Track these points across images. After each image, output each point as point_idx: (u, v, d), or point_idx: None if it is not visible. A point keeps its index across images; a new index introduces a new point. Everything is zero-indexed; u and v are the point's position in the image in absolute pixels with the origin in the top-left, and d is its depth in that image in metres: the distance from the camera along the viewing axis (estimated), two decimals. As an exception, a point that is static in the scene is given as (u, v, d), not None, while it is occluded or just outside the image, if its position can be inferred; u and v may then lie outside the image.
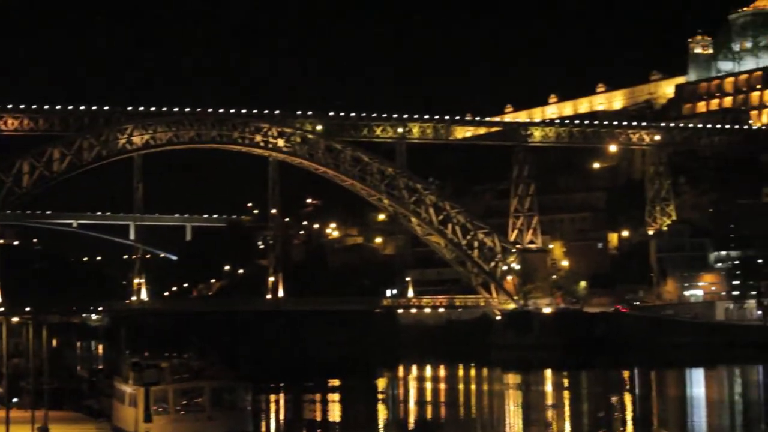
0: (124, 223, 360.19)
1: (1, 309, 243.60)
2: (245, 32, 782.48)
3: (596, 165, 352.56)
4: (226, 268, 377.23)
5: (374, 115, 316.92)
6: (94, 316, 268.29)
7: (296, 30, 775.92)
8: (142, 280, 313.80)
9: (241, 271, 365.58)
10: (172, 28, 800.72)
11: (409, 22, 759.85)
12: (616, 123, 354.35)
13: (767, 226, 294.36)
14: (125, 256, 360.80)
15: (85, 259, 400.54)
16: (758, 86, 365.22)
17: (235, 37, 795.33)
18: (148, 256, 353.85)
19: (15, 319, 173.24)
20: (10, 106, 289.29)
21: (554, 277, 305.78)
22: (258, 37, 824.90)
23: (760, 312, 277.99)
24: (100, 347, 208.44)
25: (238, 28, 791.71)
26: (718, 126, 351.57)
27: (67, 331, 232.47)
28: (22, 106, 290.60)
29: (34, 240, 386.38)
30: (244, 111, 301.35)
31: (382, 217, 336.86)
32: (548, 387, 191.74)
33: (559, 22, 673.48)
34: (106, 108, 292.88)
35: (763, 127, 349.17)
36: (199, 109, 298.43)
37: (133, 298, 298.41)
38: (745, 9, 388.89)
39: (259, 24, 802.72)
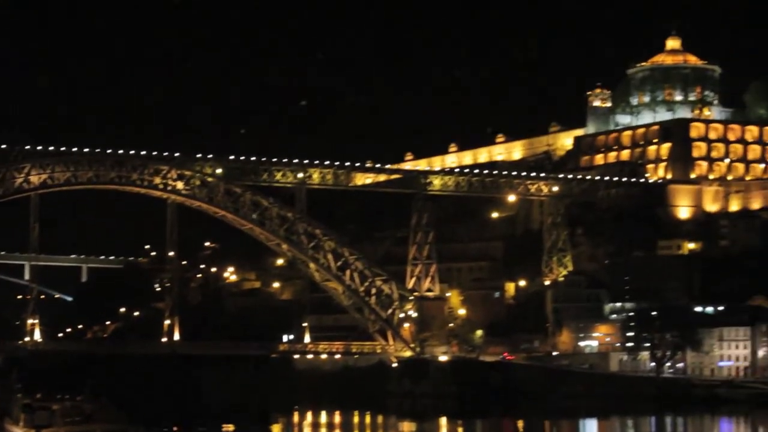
0: (19, 263, 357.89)
1: None
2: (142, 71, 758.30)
3: (494, 214, 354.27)
4: (122, 310, 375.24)
5: (274, 159, 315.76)
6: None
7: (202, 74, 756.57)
8: (36, 321, 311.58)
9: (137, 313, 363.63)
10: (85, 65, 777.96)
11: (313, 69, 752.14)
12: (514, 173, 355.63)
13: (661, 279, 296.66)
14: (19, 296, 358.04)
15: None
16: (655, 140, 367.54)
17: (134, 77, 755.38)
18: (42, 296, 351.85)
19: None
20: None
21: (451, 325, 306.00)
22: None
23: (653, 363, 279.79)
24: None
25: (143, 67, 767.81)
26: (616, 179, 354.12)
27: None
28: None
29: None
30: (143, 153, 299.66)
31: (280, 261, 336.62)
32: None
33: (459, 72, 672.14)
34: (4, 146, 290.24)
35: (660, 181, 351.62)
36: (98, 150, 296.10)
37: (27, 339, 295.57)
38: (643, 64, 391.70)
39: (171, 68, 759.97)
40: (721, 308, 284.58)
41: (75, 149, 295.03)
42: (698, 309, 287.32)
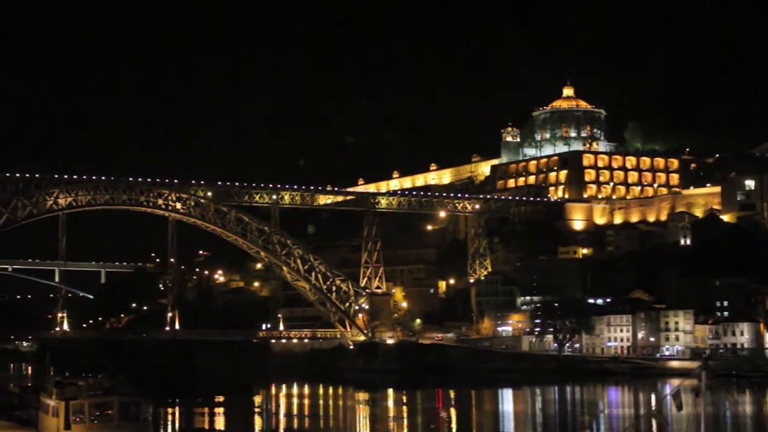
0: (50, 268, 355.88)
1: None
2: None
3: (429, 227, 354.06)
4: (133, 305, 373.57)
5: (253, 184, 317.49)
6: (24, 344, 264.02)
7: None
8: (64, 315, 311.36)
9: (145, 307, 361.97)
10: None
11: (287, 107, 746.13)
12: (444, 194, 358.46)
13: (561, 278, 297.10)
14: (51, 295, 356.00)
15: (18, 297, 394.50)
16: (555, 168, 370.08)
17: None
18: (69, 295, 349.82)
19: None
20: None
21: (395, 315, 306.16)
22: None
23: (555, 344, 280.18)
24: (29, 368, 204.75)
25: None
26: (524, 198, 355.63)
27: (1, 355, 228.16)
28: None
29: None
30: (149, 179, 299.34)
31: (259, 266, 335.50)
32: (390, 403, 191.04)
33: (396, 113, 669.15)
34: (37, 175, 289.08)
35: (559, 200, 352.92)
36: (112, 177, 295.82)
37: (57, 329, 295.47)
38: (545, 108, 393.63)
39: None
40: (608, 300, 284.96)
41: (94, 177, 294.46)
42: (590, 301, 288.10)
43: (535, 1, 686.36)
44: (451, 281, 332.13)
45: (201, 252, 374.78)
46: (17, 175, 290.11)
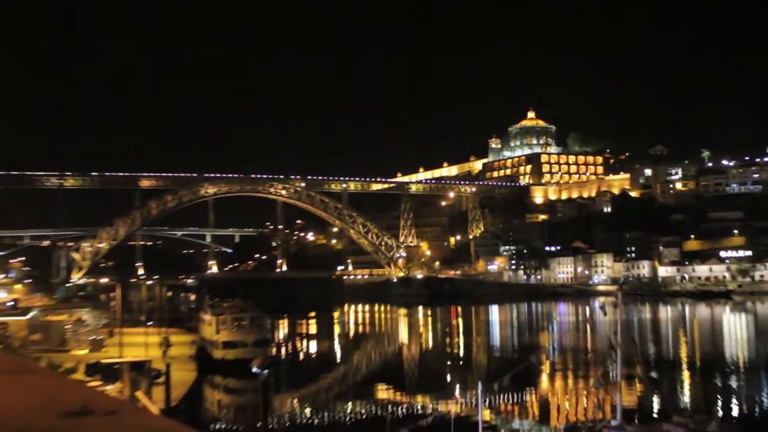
0: (204, 233, 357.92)
1: (144, 277, 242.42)
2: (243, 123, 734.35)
3: (443, 203, 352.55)
4: (256, 255, 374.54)
5: (330, 177, 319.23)
6: (189, 280, 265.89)
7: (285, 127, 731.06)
8: (213, 262, 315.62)
9: (263, 257, 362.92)
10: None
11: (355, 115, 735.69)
12: (452, 182, 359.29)
13: (528, 234, 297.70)
14: (204, 250, 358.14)
15: (184, 251, 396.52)
16: (523, 164, 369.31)
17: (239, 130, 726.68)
18: (216, 250, 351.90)
19: (149, 282, 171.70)
20: (146, 174, 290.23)
21: (422, 259, 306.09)
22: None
23: (524, 276, 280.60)
24: (193, 296, 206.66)
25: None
26: (504, 184, 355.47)
27: (176, 288, 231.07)
28: (152, 174, 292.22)
29: (158, 242, 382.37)
30: (265, 176, 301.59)
31: (335, 229, 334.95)
32: (420, 315, 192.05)
33: (420, 127, 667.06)
34: (195, 174, 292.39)
35: (525, 184, 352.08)
36: (242, 175, 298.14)
37: (209, 272, 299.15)
38: (516, 125, 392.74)
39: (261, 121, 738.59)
40: (558, 248, 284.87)
41: (230, 175, 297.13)
42: (547, 248, 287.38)
43: (506, 41, 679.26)
44: (458, 237, 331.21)
45: (298, 221, 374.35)
46: (182, 174, 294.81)
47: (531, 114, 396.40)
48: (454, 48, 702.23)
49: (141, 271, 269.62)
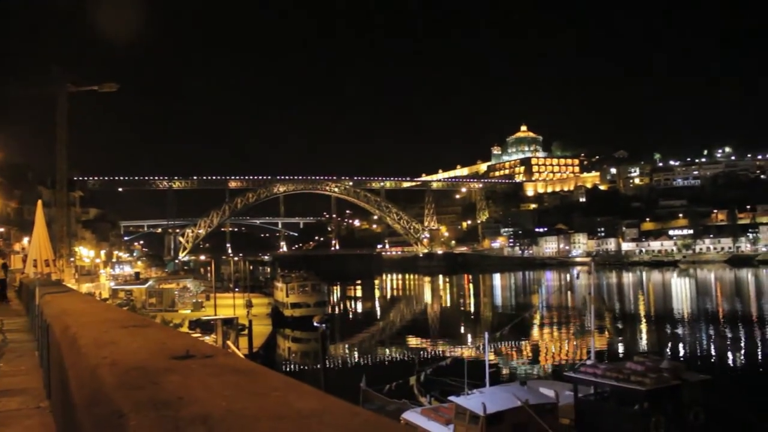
0: (276, 221, 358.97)
1: (232, 254, 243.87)
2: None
3: (457, 196, 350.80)
4: (316, 237, 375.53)
5: (371, 177, 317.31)
6: (265, 257, 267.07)
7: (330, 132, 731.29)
8: (283, 243, 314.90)
9: (321, 239, 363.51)
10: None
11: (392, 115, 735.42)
12: (464, 180, 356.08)
13: (522, 219, 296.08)
14: (277, 234, 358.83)
15: (261, 235, 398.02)
16: (517, 166, 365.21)
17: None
18: (286, 234, 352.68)
19: (236, 258, 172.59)
20: (233, 177, 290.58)
21: (442, 239, 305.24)
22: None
23: (520, 251, 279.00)
24: (268, 268, 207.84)
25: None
26: (504, 181, 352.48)
27: (255, 263, 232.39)
28: (238, 177, 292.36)
29: (243, 228, 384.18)
30: (321, 177, 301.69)
31: (375, 217, 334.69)
32: (440, 282, 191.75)
33: (433, 135, 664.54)
34: (269, 177, 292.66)
35: (520, 181, 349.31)
36: (302, 177, 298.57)
37: (280, 250, 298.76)
38: (512, 136, 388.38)
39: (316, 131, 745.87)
40: (545, 229, 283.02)
41: (295, 177, 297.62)
42: (537, 230, 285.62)
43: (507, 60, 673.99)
44: (469, 222, 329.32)
45: (347, 211, 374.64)
46: (260, 177, 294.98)
47: (524, 127, 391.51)
48: (472, 76, 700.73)
49: (230, 250, 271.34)
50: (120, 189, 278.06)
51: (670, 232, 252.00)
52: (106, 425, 1.50)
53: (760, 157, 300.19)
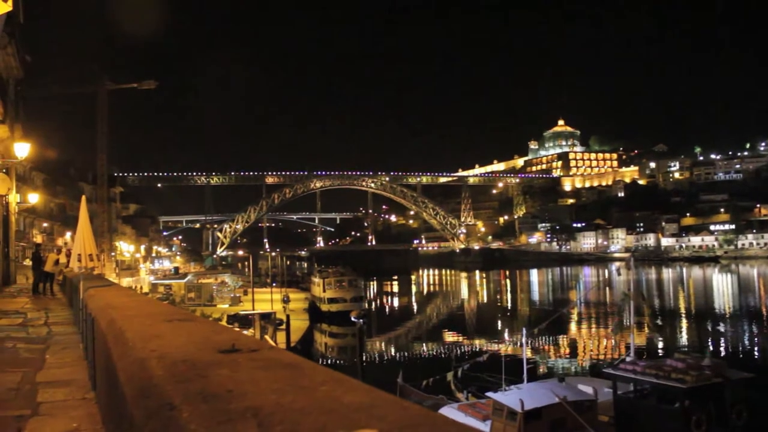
0: (313, 216, 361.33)
1: (269, 249, 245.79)
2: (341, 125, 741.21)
3: (494, 191, 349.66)
4: (352, 233, 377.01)
5: (408, 173, 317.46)
6: (302, 252, 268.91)
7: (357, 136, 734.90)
8: (320, 238, 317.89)
9: (358, 234, 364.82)
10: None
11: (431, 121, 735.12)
12: (501, 175, 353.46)
13: (559, 214, 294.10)
14: (314, 229, 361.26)
15: (299, 230, 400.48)
16: (555, 160, 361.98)
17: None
18: (323, 229, 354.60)
19: (273, 254, 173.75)
20: (270, 173, 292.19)
21: (478, 234, 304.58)
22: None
23: (557, 247, 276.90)
24: (305, 263, 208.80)
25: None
26: (541, 175, 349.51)
27: (292, 258, 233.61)
28: (275, 172, 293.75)
29: (280, 223, 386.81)
30: (358, 172, 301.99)
31: (412, 212, 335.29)
32: (477, 277, 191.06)
33: (470, 130, 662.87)
34: (305, 172, 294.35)
35: (558, 176, 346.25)
36: (339, 172, 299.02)
37: (317, 245, 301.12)
38: (550, 131, 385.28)
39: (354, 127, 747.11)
40: (583, 224, 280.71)
41: (332, 172, 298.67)
42: (574, 225, 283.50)
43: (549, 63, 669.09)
44: (505, 217, 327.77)
45: (384, 207, 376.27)
46: (296, 173, 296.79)
47: (561, 122, 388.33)
48: (509, 71, 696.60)
49: (267, 246, 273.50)
50: (159, 185, 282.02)
51: (711, 227, 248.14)
52: (157, 417, 1.51)
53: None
